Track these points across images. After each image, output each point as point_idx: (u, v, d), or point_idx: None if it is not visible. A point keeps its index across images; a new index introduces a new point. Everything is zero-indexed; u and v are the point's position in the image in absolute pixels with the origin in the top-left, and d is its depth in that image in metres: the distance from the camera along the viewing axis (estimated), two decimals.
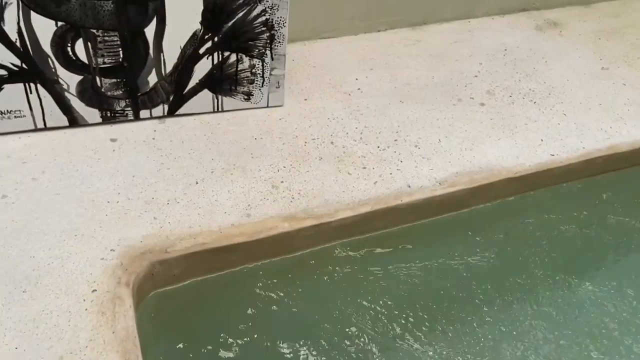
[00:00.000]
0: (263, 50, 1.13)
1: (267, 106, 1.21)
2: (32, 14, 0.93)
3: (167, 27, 1.03)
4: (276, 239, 0.99)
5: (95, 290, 0.86)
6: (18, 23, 0.93)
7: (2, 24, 0.92)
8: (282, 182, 1.07)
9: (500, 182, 1.13)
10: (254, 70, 1.15)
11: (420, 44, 1.47)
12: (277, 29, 1.11)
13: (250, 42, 1.11)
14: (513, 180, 1.14)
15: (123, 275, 0.88)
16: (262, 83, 1.18)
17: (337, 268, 1.03)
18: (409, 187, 1.08)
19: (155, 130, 1.13)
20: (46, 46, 0.98)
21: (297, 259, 1.04)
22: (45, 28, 0.96)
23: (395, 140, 1.18)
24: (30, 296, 0.84)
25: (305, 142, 1.15)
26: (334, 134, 1.18)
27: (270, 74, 1.17)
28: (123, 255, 0.91)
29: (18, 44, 0.95)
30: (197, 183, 1.04)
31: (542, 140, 1.22)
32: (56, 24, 0.96)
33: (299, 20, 1.29)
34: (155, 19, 1.01)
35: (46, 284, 0.86)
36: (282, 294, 0.98)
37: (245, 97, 1.19)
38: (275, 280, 1.00)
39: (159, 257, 0.93)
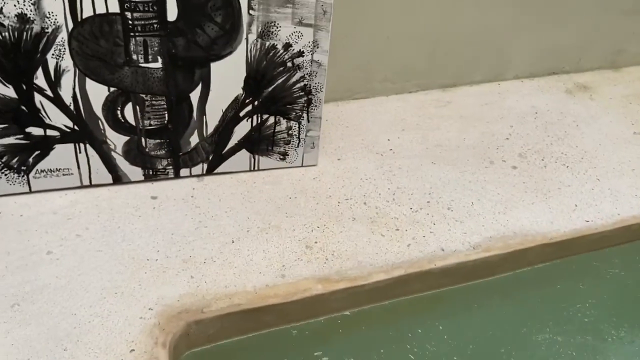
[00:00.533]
0: (300, 113, 1.17)
1: (302, 165, 1.25)
2: (87, 80, 0.99)
3: (211, 92, 1.08)
4: (310, 301, 1.00)
5: (134, 350, 0.87)
6: (74, 88, 1.00)
7: (58, 89, 0.99)
8: (316, 242, 1.08)
9: (535, 248, 1.13)
10: (290, 132, 1.19)
11: (451, 106, 1.50)
12: (314, 93, 1.15)
13: (288, 106, 1.16)
14: (548, 246, 1.14)
15: (160, 335, 0.90)
16: (298, 144, 1.21)
17: (370, 331, 1.02)
18: (443, 250, 1.09)
19: (194, 189, 1.17)
20: (97, 109, 1.03)
21: (330, 321, 1.04)
22: (98, 93, 1.01)
23: (428, 202, 1.19)
24: (71, 355, 0.86)
25: (339, 202, 1.17)
26: (367, 194, 1.20)
27: (306, 136, 1.21)
28: (161, 314, 0.93)
29: (72, 107, 1.01)
30: (233, 242, 1.06)
31: (576, 205, 1.21)
32: (108, 89, 1.02)
33: (333, 81, 1.33)
34: (200, 84, 1.07)
35: (86, 343, 0.87)
36: (315, 356, 0.98)
37: (281, 156, 1.22)
38: (308, 342, 0.99)
39: (195, 317, 0.94)
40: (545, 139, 1.42)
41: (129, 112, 1.06)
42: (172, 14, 0.97)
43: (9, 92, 0.96)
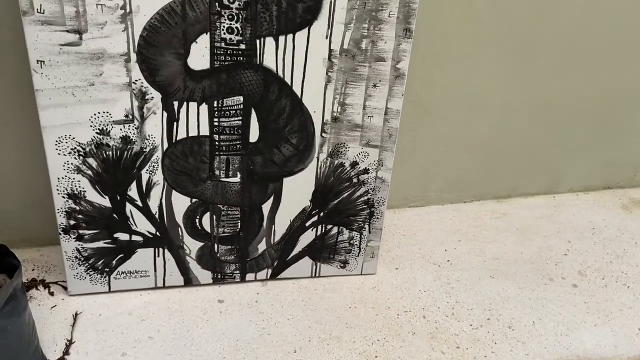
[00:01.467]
0: (362, 225, 1.23)
1: (361, 274, 1.28)
2: (173, 192, 1.09)
3: (281, 204, 1.16)
4: None
5: None
6: (160, 199, 1.09)
7: (147, 200, 1.08)
8: (376, 357, 1.09)
9: None
10: (352, 242, 1.24)
11: (507, 218, 1.53)
12: (376, 207, 1.21)
13: (351, 217, 1.22)
14: None
15: None
16: (358, 253, 1.26)
17: None
18: None
19: (258, 293, 1.22)
20: (179, 218, 1.12)
21: None
22: (181, 203, 1.11)
23: (488, 318, 1.19)
24: None
25: (398, 314, 1.19)
26: (426, 307, 1.21)
27: (367, 246, 1.26)
28: None
29: (157, 216, 1.11)
30: (295, 352, 1.08)
31: (639, 329, 1.18)
32: (191, 200, 1.11)
33: (390, 189, 1.40)
34: (272, 197, 1.15)
35: None
36: None
37: (342, 264, 1.27)
38: None
39: None
40: (605, 257, 1.41)
41: (206, 220, 1.15)
42: (253, 136, 1.08)
43: (105, 202, 1.07)
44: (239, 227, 1.18)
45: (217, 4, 0.95)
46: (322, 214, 1.21)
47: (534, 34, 1.33)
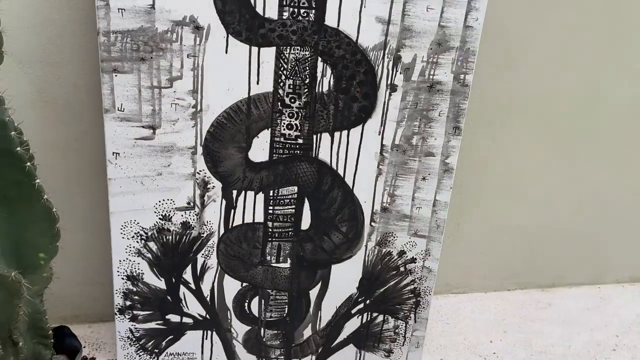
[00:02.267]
0: (408, 314, 1.23)
1: None
2: (226, 276, 1.12)
3: (328, 290, 1.18)
4: None
5: None
6: (213, 283, 1.12)
7: (200, 283, 1.12)
8: None
9: None
10: (397, 330, 1.24)
11: (552, 308, 1.50)
12: (422, 296, 1.22)
13: (397, 306, 1.22)
14: None
15: None
16: (403, 342, 1.25)
17: None
18: None
19: None
20: (229, 301, 1.15)
21: None
22: (232, 287, 1.14)
23: None
24: None
25: None
26: None
27: (412, 335, 1.25)
28: None
29: (208, 299, 1.13)
30: None
31: None
32: (241, 285, 1.14)
33: None
34: (320, 283, 1.17)
35: None
36: None
37: (386, 354, 1.25)
38: None
39: None
40: None
41: (254, 304, 1.17)
42: (305, 224, 1.12)
43: (160, 284, 1.10)
44: (286, 312, 1.19)
45: (279, 103, 1.02)
46: (368, 301, 1.21)
47: (578, 126, 1.37)
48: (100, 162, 1.05)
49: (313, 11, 0.97)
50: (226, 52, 0.97)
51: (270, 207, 1.10)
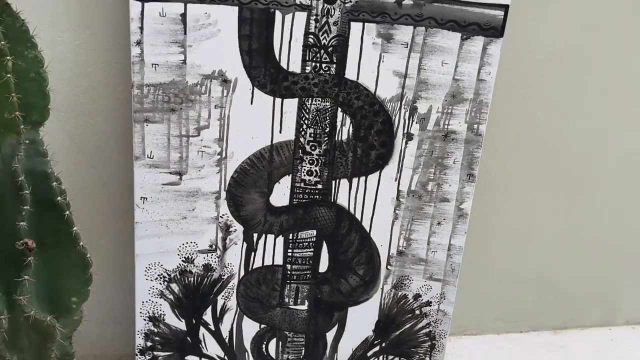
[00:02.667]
0: (423, 357, 1.24)
1: None
2: (244, 318, 1.15)
3: (345, 332, 1.19)
4: None
5: None
6: (232, 324, 1.15)
7: (220, 324, 1.14)
8: None
9: None
10: None
11: (564, 351, 1.50)
12: (437, 339, 1.23)
13: (412, 349, 1.23)
14: None
15: None
16: None
17: None
18: None
19: None
20: (247, 343, 1.16)
21: None
22: (250, 328, 1.16)
23: None
24: None
25: None
26: None
27: None
28: None
29: (227, 340, 1.15)
30: None
31: None
32: (259, 326, 1.16)
33: None
34: (337, 325, 1.19)
35: None
36: None
37: None
38: None
39: None
40: None
41: (272, 346, 1.18)
42: (323, 266, 1.14)
43: (181, 325, 1.13)
44: (303, 353, 1.21)
45: (300, 150, 1.06)
46: (384, 344, 1.23)
47: (588, 172, 1.41)
48: (128, 206, 1.09)
49: (334, 65, 1.02)
50: (251, 103, 1.02)
51: (290, 250, 1.13)
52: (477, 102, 1.08)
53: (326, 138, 1.07)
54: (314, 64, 1.02)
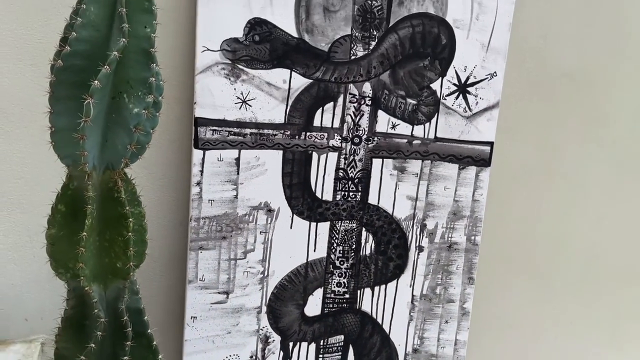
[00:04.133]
0: None
1: None
2: None
3: None
4: None
5: None
6: None
7: None
8: None
9: None
10: None
11: None
12: None
13: None
14: None
15: None
16: None
17: None
18: None
19: None
20: None
21: None
22: None
23: None
24: None
25: None
26: None
27: None
28: None
29: None
30: None
31: None
32: None
33: None
34: None
35: None
36: None
37: None
38: None
39: None
40: None
41: None
42: None
43: None
44: None
45: (331, 266, 1.22)
46: None
47: (578, 281, 1.61)
48: (177, 325, 1.18)
49: (359, 193, 1.21)
50: (291, 228, 1.18)
51: (320, 356, 1.26)
52: (473, 217, 1.30)
53: (352, 254, 1.24)
54: (343, 193, 1.21)
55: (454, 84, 1.23)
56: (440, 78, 1.22)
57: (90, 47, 0.73)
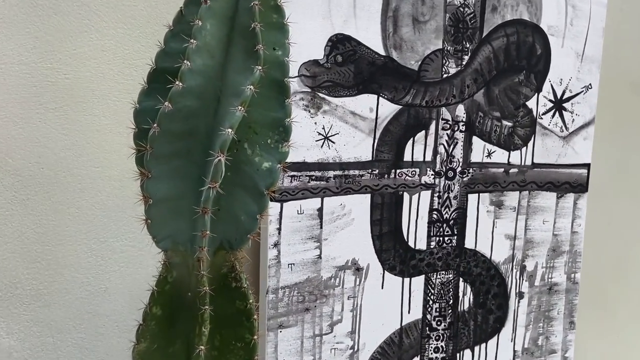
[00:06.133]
0: None
1: None
2: None
3: None
4: None
5: None
6: None
7: None
8: None
9: None
10: None
11: None
12: None
13: None
14: None
15: None
16: None
17: None
18: None
19: None
20: None
21: None
22: None
23: None
24: None
25: None
26: None
27: None
28: None
29: None
30: None
31: None
32: None
33: None
34: None
35: None
36: None
37: None
38: None
39: None
40: None
41: None
42: None
43: None
44: None
45: (427, 328, 1.03)
46: None
47: None
48: None
49: (455, 237, 1.04)
50: (382, 288, 0.99)
51: None
52: (573, 252, 1.16)
53: (450, 310, 1.06)
54: (437, 238, 1.03)
55: (550, 100, 1.09)
56: (536, 94, 1.08)
57: (204, 81, 0.52)
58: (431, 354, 1.07)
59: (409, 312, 1.04)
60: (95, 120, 0.84)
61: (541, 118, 1.09)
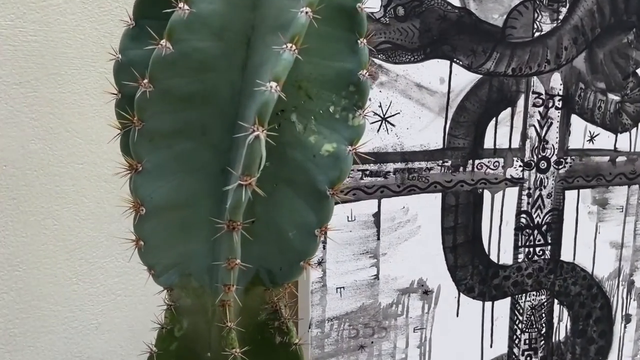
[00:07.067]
0: None
1: None
2: None
3: None
4: None
5: None
6: None
7: None
8: None
9: None
10: None
11: None
12: None
13: None
14: None
15: None
16: None
17: None
18: None
19: None
20: None
21: None
22: None
23: None
24: None
25: None
26: None
27: None
28: None
29: None
30: None
31: None
32: None
33: None
34: None
35: None
36: None
37: None
38: None
39: None
40: None
41: None
42: None
43: None
44: None
45: None
46: None
47: None
48: None
49: (549, 247, 0.82)
50: (457, 316, 0.77)
51: None
52: None
53: (542, 342, 0.84)
54: (527, 249, 0.81)
55: None
56: None
57: (226, 7, 0.30)
58: None
59: (491, 346, 0.82)
60: (75, 100, 0.64)
61: None
